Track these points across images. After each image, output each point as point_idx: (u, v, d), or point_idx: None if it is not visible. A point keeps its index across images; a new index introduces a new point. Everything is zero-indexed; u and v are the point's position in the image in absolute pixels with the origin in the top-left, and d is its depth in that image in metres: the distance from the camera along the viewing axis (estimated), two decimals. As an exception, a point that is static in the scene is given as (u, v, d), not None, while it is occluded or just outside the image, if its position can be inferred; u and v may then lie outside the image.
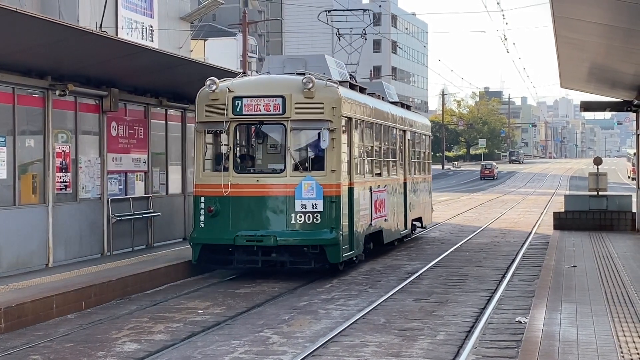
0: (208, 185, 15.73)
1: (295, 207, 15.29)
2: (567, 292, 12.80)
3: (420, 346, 10.26)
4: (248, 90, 15.75)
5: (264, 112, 15.47)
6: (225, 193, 15.46)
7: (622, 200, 24.93)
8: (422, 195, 24.13)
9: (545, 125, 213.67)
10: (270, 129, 16.10)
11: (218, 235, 15.52)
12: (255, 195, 15.51)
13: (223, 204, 15.50)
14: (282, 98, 15.37)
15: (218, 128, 15.67)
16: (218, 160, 15.93)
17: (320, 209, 15.27)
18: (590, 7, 13.08)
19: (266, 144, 16.81)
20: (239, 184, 15.53)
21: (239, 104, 15.48)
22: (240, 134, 16.19)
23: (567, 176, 79.77)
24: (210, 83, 15.63)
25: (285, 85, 15.73)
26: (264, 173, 15.99)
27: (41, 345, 10.46)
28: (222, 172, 15.57)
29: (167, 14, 42.87)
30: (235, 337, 10.80)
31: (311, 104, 15.39)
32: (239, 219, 15.51)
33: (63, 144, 16.08)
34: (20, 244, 14.65)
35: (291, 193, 15.33)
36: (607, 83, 22.95)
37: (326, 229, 15.37)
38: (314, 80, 15.38)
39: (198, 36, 55.85)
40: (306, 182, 15.28)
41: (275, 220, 15.46)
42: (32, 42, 13.50)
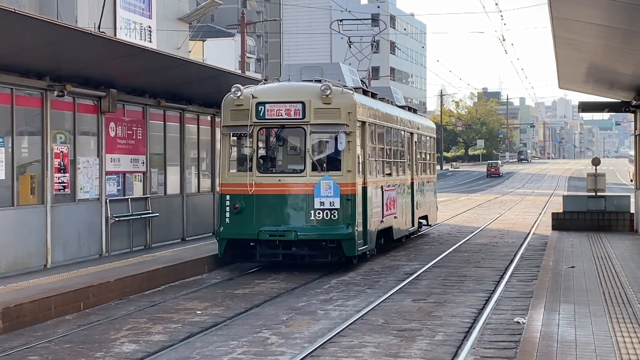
0: (233, 184, 16.89)
1: (314, 204, 16.46)
2: (565, 292, 12.81)
3: (419, 347, 10.26)
4: (270, 96, 16.83)
5: (285, 117, 16.64)
6: (249, 191, 16.62)
7: (621, 200, 24.94)
8: (428, 195, 25.28)
9: (543, 126, 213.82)
10: (291, 132, 17.23)
11: (243, 230, 16.68)
12: (277, 193, 16.70)
13: (247, 202, 16.65)
14: (302, 104, 16.54)
15: (242, 131, 16.82)
16: (242, 161, 17.17)
17: (337, 206, 16.44)
18: (589, 8, 13.09)
19: (287, 146, 17.73)
20: (262, 183, 16.68)
21: (262, 109, 16.59)
22: (263, 137, 17.35)
23: (565, 177, 79.83)
24: (236, 90, 16.67)
25: (305, 91, 16.87)
26: (285, 173, 17.10)
27: (39, 346, 10.45)
28: (247, 172, 16.74)
29: (166, 14, 42.86)
30: (234, 338, 10.80)
31: (329, 109, 16.59)
32: (262, 215, 16.65)
33: (61, 144, 16.08)
34: (19, 245, 14.64)
35: (310, 191, 16.49)
36: (605, 84, 22.97)
37: (343, 225, 16.53)
38: (332, 87, 16.55)
39: (196, 37, 55.86)
40: (324, 182, 16.48)
41: (295, 217, 16.64)
42: (31, 42, 13.50)
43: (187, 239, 20.56)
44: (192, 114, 21.22)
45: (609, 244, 20.18)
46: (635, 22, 13.03)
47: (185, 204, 20.66)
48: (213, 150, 22.40)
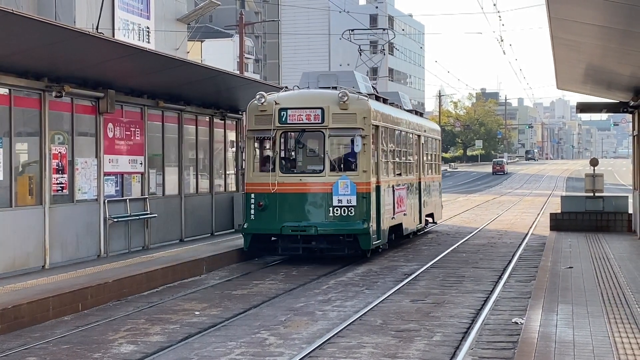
0: (257, 184, 18.26)
1: (332, 202, 17.85)
2: (563, 293, 12.82)
3: (417, 347, 10.26)
4: (292, 102, 18.24)
5: (305, 122, 18.06)
6: (272, 190, 17.99)
7: (619, 201, 24.95)
8: (434, 194, 26.70)
9: (541, 127, 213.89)
10: (311, 136, 18.66)
11: (267, 226, 18.05)
12: (298, 192, 18.05)
13: (271, 200, 18.03)
14: (322, 109, 17.93)
15: (266, 135, 18.25)
16: (266, 162, 18.48)
17: (354, 203, 17.82)
18: (586, 8, 13.09)
19: (307, 148, 19.16)
20: (284, 183, 18.04)
21: (284, 114, 18.02)
22: (285, 140, 18.70)
23: (563, 177, 79.86)
24: (260, 97, 18.14)
25: (324, 98, 18.19)
26: (306, 173, 18.49)
27: (37, 346, 10.45)
28: (270, 172, 18.10)
29: (164, 15, 42.84)
30: (232, 339, 10.80)
31: (346, 114, 17.97)
32: (284, 212, 18.00)
33: (59, 145, 16.07)
34: (17, 246, 14.63)
35: (329, 190, 17.87)
36: (604, 84, 22.98)
37: (359, 221, 17.87)
38: (349, 94, 18.00)
39: (195, 37, 55.84)
40: (342, 181, 17.89)
41: (315, 213, 18.02)
42: (29, 43, 13.49)
43: (186, 240, 20.56)
44: (191, 114, 21.22)
45: (607, 245, 20.19)
46: (633, 22, 13.04)
47: (184, 204, 20.65)
48: (211, 150, 22.41)
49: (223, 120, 22.89)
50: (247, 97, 23.27)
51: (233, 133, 24.06)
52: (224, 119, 22.90)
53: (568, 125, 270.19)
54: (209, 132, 22.30)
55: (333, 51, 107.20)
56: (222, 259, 18.15)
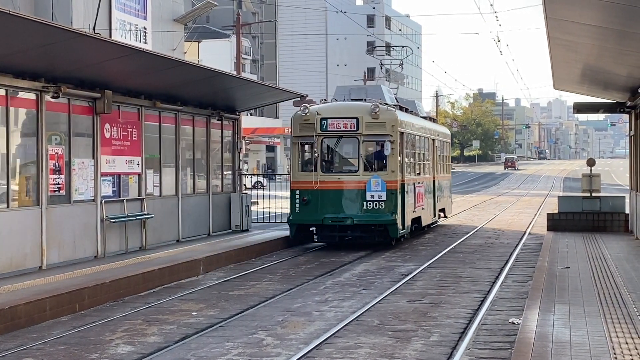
0: (302, 182, 21.17)
1: (366, 197, 20.74)
2: (560, 293, 12.83)
3: (414, 347, 10.27)
4: (331, 113, 21.24)
5: (342, 129, 21.09)
6: (315, 187, 20.94)
7: (616, 201, 24.97)
8: (445, 191, 29.62)
9: (538, 127, 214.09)
10: (347, 141, 21.44)
11: (310, 217, 21.00)
12: (337, 189, 21.00)
13: (313, 195, 20.95)
14: (357, 119, 20.93)
15: (309, 141, 21.23)
16: (309, 163, 21.34)
17: (384, 198, 20.70)
18: (583, 8, 13.10)
19: (343, 151, 21.89)
20: (324, 181, 20.96)
21: (324, 123, 21.02)
22: (325, 145, 21.45)
23: (560, 177, 79.90)
24: (304, 108, 21.29)
25: (359, 109, 21.16)
26: (343, 173, 21.34)
27: (34, 347, 10.44)
28: (312, 172, 21.01)
29: (161, 15, 42.85)
30: (229, 339, 10.80)
31: (377, 123, 20.90)
32: (325, 206, 20.89)
33: (56, 145, 16.06)
34: (14, 246, 14.62)
35: (363, 187, 20.81)
36: (600, 84, 22.99)
37: (388, 213, 20.80)
38: (380, 106, 20.96)
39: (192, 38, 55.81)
40: (374, 179, 20.83)
41: (351, 207, 20.86)
42: (25, 44, 13.48)
43: (183, 240, 20.55)
44: (188, 115, 21.21)
45: (604, 245, 20.21)
46: (630, 23, 13.05)
47: (181, 205, 20.64)
48: (208, 151, 22.40)
49: (220, 120, 22.89)
50: (244, 97, 23.35)
51: (230, 133, 24.05)
52: (221, 120, 22.89)
53: (565, 126, 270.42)
54: (206, 132, 22.30)
55: (330, 51, 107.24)
56: (219, 259, 18.15)
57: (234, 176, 24.37)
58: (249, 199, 24.31)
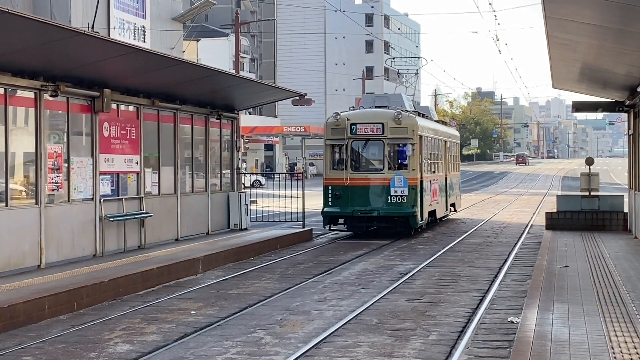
0: (334, 179, 24.17)
1: (390, 192, 23.63)
2: (559, 292, 12.83)
3: (413, 346, 10.27)
4: (360, 119, 24.27)
5: (370, 133, 24.05)
6: (345, 183, 23.86)
7: (614, 200, 24.98)
8: (455, 188, 32.55)
9: (537, 126, 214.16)
10: (373, 144, 24.23)
11: (341, 209, 23.99)
12: (364, 185, 23.90)
13: (344, 191, 23.88)
14: (382, 124, 23.91)
15: (340, 143, 24.15)
16: (340, 163, 24.28)
17: (406, 193, 23.61)
18: (582, 7, 13.10)
19: (370, 152, 24.55)
20: (353, 178, 23.89)
21: (354, 127, 24.03)
22: (354, 146, 24.27)
23: (559, 176, 79.91)
24: (335, 115, 24.48)
25: (384, 116, 24.19)
26: (369, 171, 24.20)
27: (33, 346, 10.43)
28: (343, 170, 23.96)
29: (160, 14, 42.84)
30: (228, 338, 10.80)
31: (400, 127, 23.84)
32: (354, 199, 23.80)
33: (55, 144, 16.05)
34: (12, 245, 14.61)
35: (387, 183, 23.69)
36: (599, 83, 23.00)
37: (409, 206, 23.71)
38: (402, 113, 24.01)
39: (190, 37, 55.80)
40: (397, 177, 23.71)
41: (377, 200, 23.79)
42: (24, 42, 13.47)
43: (181, 239, 20.54)
44: (186, 114, 21.19)
45: (602, 244, 20.22)
46: (629, 22, 13.05)
47: (179, 204, 20.63)
48: (207, 149, 22.39)
49: (219, 119, 22.87)
50: (242, 96, 23.32)
51: (229, 132, 24.04)
52: (219, 119, 22.88)
53: (564, 125, 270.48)
54: (204, 131, 22.28)
55: (329, 50, 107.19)
56: (218, 258, 18.15)
57: (233, 175, 24.36)
58: (248, 198, 24.31)
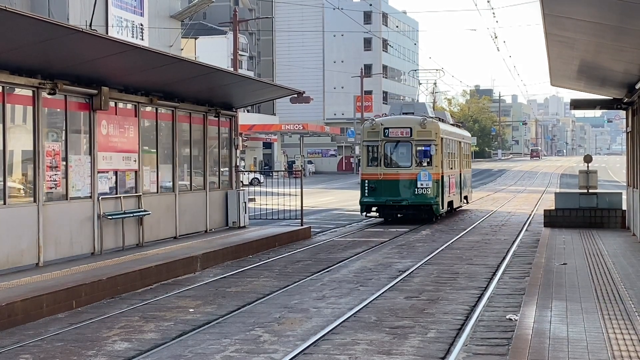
0: (369, 174, 28.69)
1: (416, 185, 28.15)
2: (557, 289, 12.84)
3: (411, 344, 10.27)
4: (392, 124, 29.02)
5: (399, 136, 28.66)
6: (379, 177, 28.44)
7: (612, 197, 24.99)
8: (467, 182, 37.26)
9: (535, 123, 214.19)
10: (403, 145, 28.73)
11: (375, 199, 28.60)
12: (395, 179, 28.51)
13: (378, 184, 28.42)
14: (410, 128, 28.54)
15: (375, 144, 28.81)
16: (374, 160, 28.78)
17: (430, 186, 28.12)
18: (580, 5, 13.09)
19: (399, 152, 28.81)
20: (386, 173, 28.46)
21: (386, 131, 28.68)
22: (386, 147, 28.76)
23: (557, 174, 79.93)
24: (371, 120, 29.58)
25: (411, 121, 28.84)
26: (399, 167, 28.66)
27: (31, 344, 10.43)
28: (377, 167, 28.55)
29: (158, 12, 42.80)
30: (226, 336, 10.79)
31: (425, 131, 28.45)
32: (386, 191, 28.39)
33: (53, 142, 16.04)
34: (10, 243, 14.60)
35: (414, 178, 28.23)
36: (597, 81, 22.99)
37: (433, 197, 28.28)
38: (427, 119, 28.81)
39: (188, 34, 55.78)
40: (423, 172, 28.20)
41: (405, 192, 28.31)
42: (22, 40, 13.45)
43: (180, 237, 20.54)
44: (185, 111, 21.18)
45: (600, 241, 20.23)
46: (627, 19, 13.04)
47: (178, 202, 20.62)
48: (205, 147, 22.38)
49: (217, 117, 22.86)
50: (241, 94, 23.30)
51: (227, 130, 24.03)
52: (218, 116, 22.86)
53: (562, 122, 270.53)
54: (203, 129, 22.27)
55: (327, 48, 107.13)
56: (216, 256, 18.15)
57: (231, 173, 24.35)
58: (246, 196, 24.30)
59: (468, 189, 37.30)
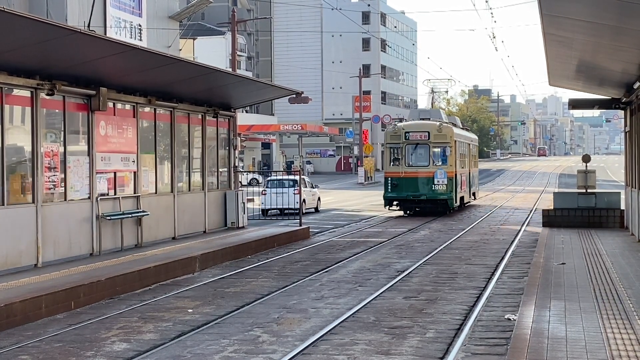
0: (392, 172, 32.74)
1: (434, 182, 32.17)
2: (556, 289, 12.85)
3: (410, 344, 10.27)
4: (412, 128, 33.14)
5: (419, 139, 32.65)
6: (401, 175, 32.39)
7: (611, 197, 25.00)
8: (475, 180, 41.34)
9: (534, 123, 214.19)
10: (421, 146, 32.67)
11: (397, 195, 32.69)
12: (415, 176, 32.39)
13: (399, 181, 32.46)
14: (428, 132, 32.69)
15: (397, 146, 32.85)
16: (397, 160, 32.77)
17: (445, 183, 32.20)
18: (578, 4, 13.10)
19: (418, 153, 32.71)
20: (407, 172, 32.43)
21: (407, 135, 32.69)
22: (407, 148, 32.73)
23: (556, 174, 79.92)
24: (394, 125, 33.83)
25: (429, 126, 33.15)
26: (419, 166, 32.52)
27: (30, 345, 10.43)
28: (399, 166, 32.53)
29: (156, 12, 42.77)
30: (225, 336, 10.80)
31: (441, 134, 32.58)
32: (407, 187, 32.38)
33: (52, 143, 16.03)
34: (9, 244, 14.60)
35: (431, 175, 32.21)
36: (596, 81, 23.00)
37: (448, 192, 32.31)
38: (443, 124, 33.29)
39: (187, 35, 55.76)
40: (439, 171, 32.24)
41: (424, 188, 32.31)
42: (20, 41, 13.46)
43: (178, 238, 20.54)
44: (183, 112, 21.18)
45: (599, 241, 20.24)
46: (625, 19, 13.06)
47: (176, 202, 20.62)
48: (204, 148, 22.38)
49: (216, 117, 22.86)
50: (239, 94, 23.32)
51: (226, 131, 24.02)
52: (216, 117, 22.87)
53: (560, 122, 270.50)
54: (201, 129, 22.27)
55: (325, 48, 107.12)
56: (215, 256, 18.15)
57: (230, 173, 24.35)
58: (245, 196, 24.30)
59: (476, 186, 41.66)
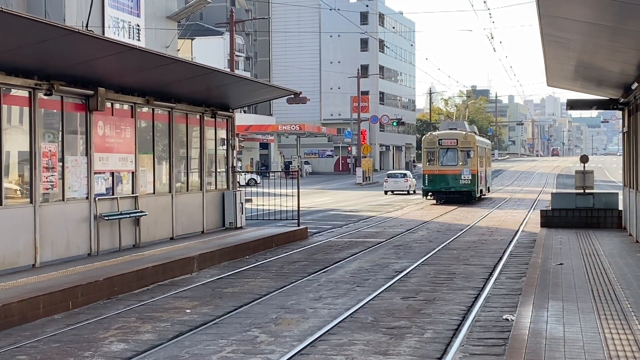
0: (429, 170, 41.87)
1: (461, 177, 41.17)
2: (554, 289, 12.85)
3: (408, 344, 10.27)
4: (444, 136, 42.45)
5: (449, 145, 41.89)
6: (435, 172, 41.48)
7: (609, 198, 25.01)
8: (489, 177, 50.13)
9: (532, 124, 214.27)
10: (451, 150, 41.75)
11: (432, 188, 41.97)
12: (446, 173, 41.41)
13: (435, 177, 41.57)
14: (457, 139, 41.97)
15: (432, 149, 42.02)
16: (432, 161, 41.94)
17: (470, 178, 41.14)
18: (576, 5, 13.11)
19: (449, 155, 41.73)
20: (440, 170, 41.51)
21: (440, 141, 42.02)
22: (440, 152, 41.82)
23: (554, 174, 79.99)
24: (430, 133, 44.56)
25: (457, 134, 42.44)
26: (449, 166, 41.48)
27: (28, 345, 10.42)
28: (434, 165, 41.69)
29: (154, 13, 42.77)
30: (223, 337, 10.79)
31: (466, 141, 41.87)
32: (440, 181, 41.47)
33: (49, 143, 16.02)
34: (7, 244, 14.59)
35: (459, 172, 41.26)
36: (594, 81, 23.02)
37: (472, 185, 41.26)
38: (468, 133, 42.91)
39: (185, 35, 55.73)
40: (465, 169, 41.24)
41: (453, 182, 41.26)
42: (18, 41, 13.44)
43: (176, 238, 20.53)
44: (181, 112, 21.17)
45: (597, 241, 20.25)
46: (623, 19, 13.07)
47: (174, 202, 20.61)
48: (202, 148, 22.37)
49: (214, 118, 22.86)
50: (237, 95, 23.31)
51: (224, 131, 24.02)
52: (214, 117, 22.86)
53: (558, 123, 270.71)
54: (199, 129, 22.27)
55: (324, 49, 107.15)
56: (213, 257, 18.14)
57: (228, 173, 24.35)
58: (243, 197, 24.30)
59: (490, 182, 50.75)
